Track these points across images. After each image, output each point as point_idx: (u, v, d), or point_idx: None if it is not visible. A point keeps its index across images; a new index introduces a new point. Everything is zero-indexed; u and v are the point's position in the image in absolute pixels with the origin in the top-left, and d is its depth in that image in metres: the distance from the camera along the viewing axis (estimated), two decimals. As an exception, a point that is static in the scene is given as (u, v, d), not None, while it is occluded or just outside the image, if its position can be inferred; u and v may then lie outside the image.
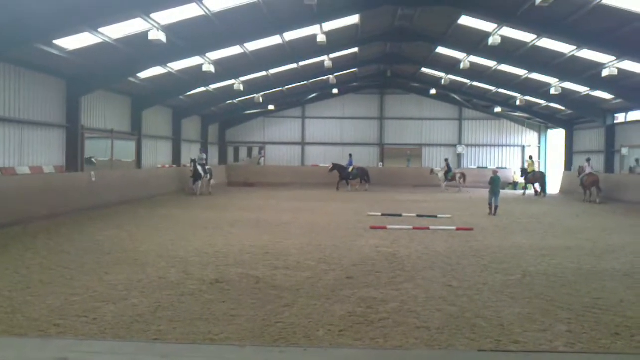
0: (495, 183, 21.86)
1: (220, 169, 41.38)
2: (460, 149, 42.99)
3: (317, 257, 11.85)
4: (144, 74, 25.16)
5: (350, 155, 37.56)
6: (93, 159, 26.46)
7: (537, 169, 35.71)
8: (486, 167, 41.38)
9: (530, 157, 36.15)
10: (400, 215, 19.88)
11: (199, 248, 12.88)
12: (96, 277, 9.72)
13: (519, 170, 35.89)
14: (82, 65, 21.26)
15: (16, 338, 5.69)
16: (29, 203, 16.85)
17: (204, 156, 32.16)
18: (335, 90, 40.04)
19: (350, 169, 34.76)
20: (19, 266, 10.60)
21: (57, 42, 18.65)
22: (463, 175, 36.34)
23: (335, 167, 34.79)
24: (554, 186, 37.16)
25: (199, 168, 29.76)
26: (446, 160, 38.27)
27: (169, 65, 24.66)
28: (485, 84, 33.97)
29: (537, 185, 33.96)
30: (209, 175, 30.89)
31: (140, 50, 21.36)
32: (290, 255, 12.05)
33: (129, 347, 3.02)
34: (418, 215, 19.97)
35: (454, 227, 16.73)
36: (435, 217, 19.75)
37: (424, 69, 34.58)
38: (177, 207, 22.91)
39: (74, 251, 12.32)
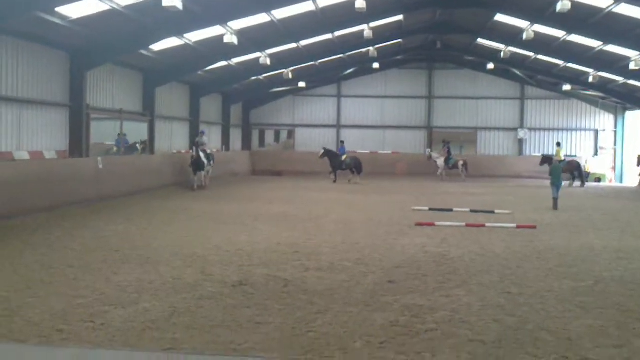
0: (555, 173, 21.53)
1: (243, 155, 41.67)
2: (522, 134, 42.54)
3: (353, 258, 11.86)
4: (157, 46, 25.38)
5: (342, 141, 37.18)
6: (138, 145, 26.75)
7: (561, 157, 35.20)
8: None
9: (558, 144, 35.70)
10: (450, 210, 19.76)
11: (219, 245, 13.00)
12: (103, 277, 9.87)
13: (541, 157, 35.50)
14: (87, 36, 21.52)
15: (15, 345, 5.83)
16: (27, 193, 17.17)
17: (206, 139, 29.61)
18: (376, 65, 39.84)
19: (343, 157, 34.23)
20: (17, 264, 10.82)
21: (59, 9, 18.91)
22: (465, 163, 36.19)
23: (327, 153, 34.11)
24: (632, 178, 36.47)
25: (202, 155, 27.24)
26: (447, 144, 37.45)
27: (185, 35, 24.82)
28: (552, 57, 33.48)
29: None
30: (212, 163, 28.56)
31: (153, 18, 21.55)
32: (322, 255, 12.09)
33: (141, 357, 3.06)
34: (472, 211, 19.83)
35: (514, 225, 16.58)
36: (493, 212, 19.60)
37: (480, 40, 34.22)
38: (194, 199, 23.13)
39: (77, 247, 12.53)
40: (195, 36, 25.44)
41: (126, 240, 13.48)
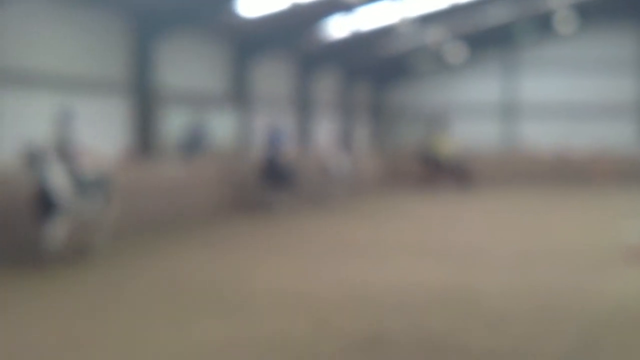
0: None
1: (371, 157, 41.27)
2: None
3: (533, 305, 11.69)
4: (251, 6, 25.63)
5: (276, 129, 27.80)
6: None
7: None
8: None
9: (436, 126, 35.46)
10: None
11: (338, 284, 13.04)
12: (176, 331, 9.98)
13: None
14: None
15: None
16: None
17: (73, 135, 16.30)
18: (564, 24, 39.08)
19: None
20: (58, 309, 11.14)
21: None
22: None
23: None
24: None
25: (54, 177, 14.68)
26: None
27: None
28: None
29: None
30: (92, 199, 15.91)
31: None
32: (487, 301, 11.95)
33: None
34: None
35: None
36: None
37: None
38: (303, 219, 23.55)
39: (140, 288, 12.84)
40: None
41: (209, 278, 13.64)
